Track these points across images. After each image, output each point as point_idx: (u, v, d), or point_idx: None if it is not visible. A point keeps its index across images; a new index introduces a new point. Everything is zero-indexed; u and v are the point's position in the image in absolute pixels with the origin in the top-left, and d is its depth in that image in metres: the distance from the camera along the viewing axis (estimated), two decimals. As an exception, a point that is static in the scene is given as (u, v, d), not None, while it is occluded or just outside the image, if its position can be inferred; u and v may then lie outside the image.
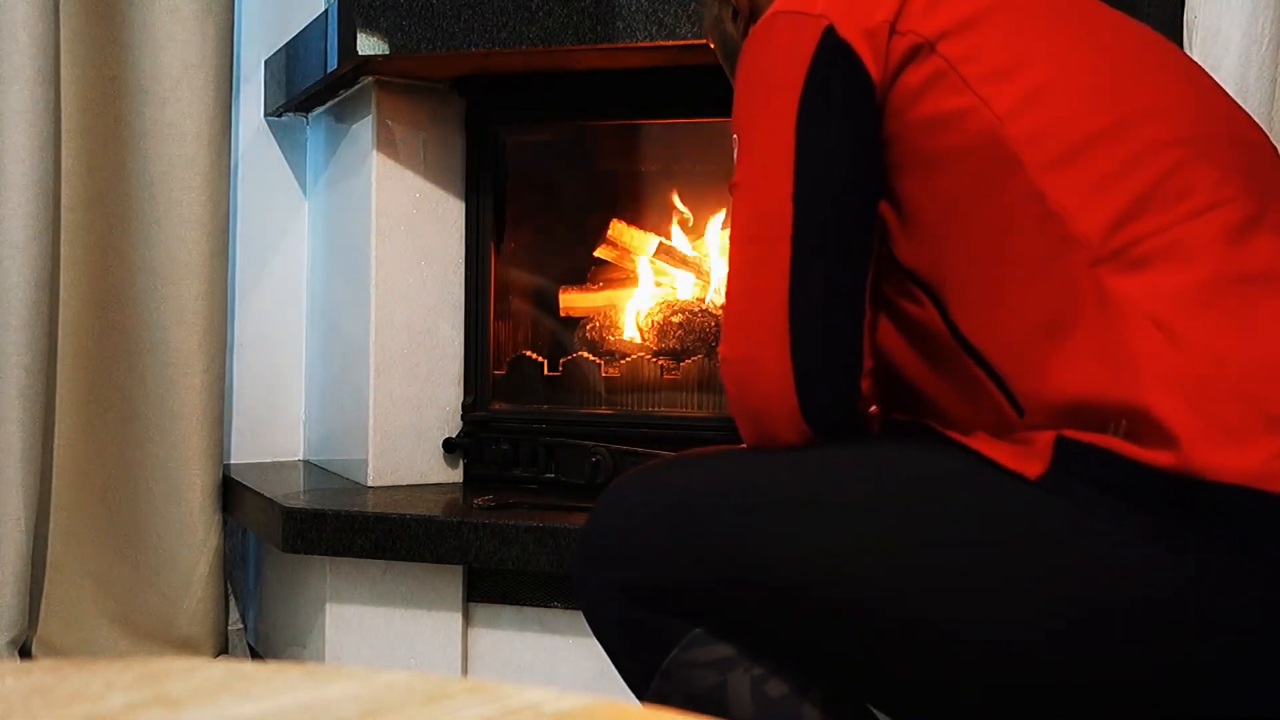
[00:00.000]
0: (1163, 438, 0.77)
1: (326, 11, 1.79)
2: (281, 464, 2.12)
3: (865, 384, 0.91)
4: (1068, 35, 0.92)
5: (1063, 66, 0.89)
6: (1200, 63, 1.23)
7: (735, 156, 0.95)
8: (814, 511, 0.88)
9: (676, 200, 1.94)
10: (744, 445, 0.96)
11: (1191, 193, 0.84)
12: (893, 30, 0.88)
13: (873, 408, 0.94)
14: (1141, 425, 0.78)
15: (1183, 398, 0.77)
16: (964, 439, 0.87)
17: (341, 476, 1.92)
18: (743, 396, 0.93)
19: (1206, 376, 0.78)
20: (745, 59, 0.95)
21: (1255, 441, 0.75)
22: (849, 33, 0.89)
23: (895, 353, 0.95)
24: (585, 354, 1.85)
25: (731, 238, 0.95)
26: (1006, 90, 0.87)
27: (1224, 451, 0.75)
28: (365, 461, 1.83)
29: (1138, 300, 0.81)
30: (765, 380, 0.90)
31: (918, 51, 0.88)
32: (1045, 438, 0.82)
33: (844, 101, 0.89)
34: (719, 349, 0.96)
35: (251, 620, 2.10)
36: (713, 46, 1.17)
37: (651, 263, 1.92)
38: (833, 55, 0.89)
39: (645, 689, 0.95)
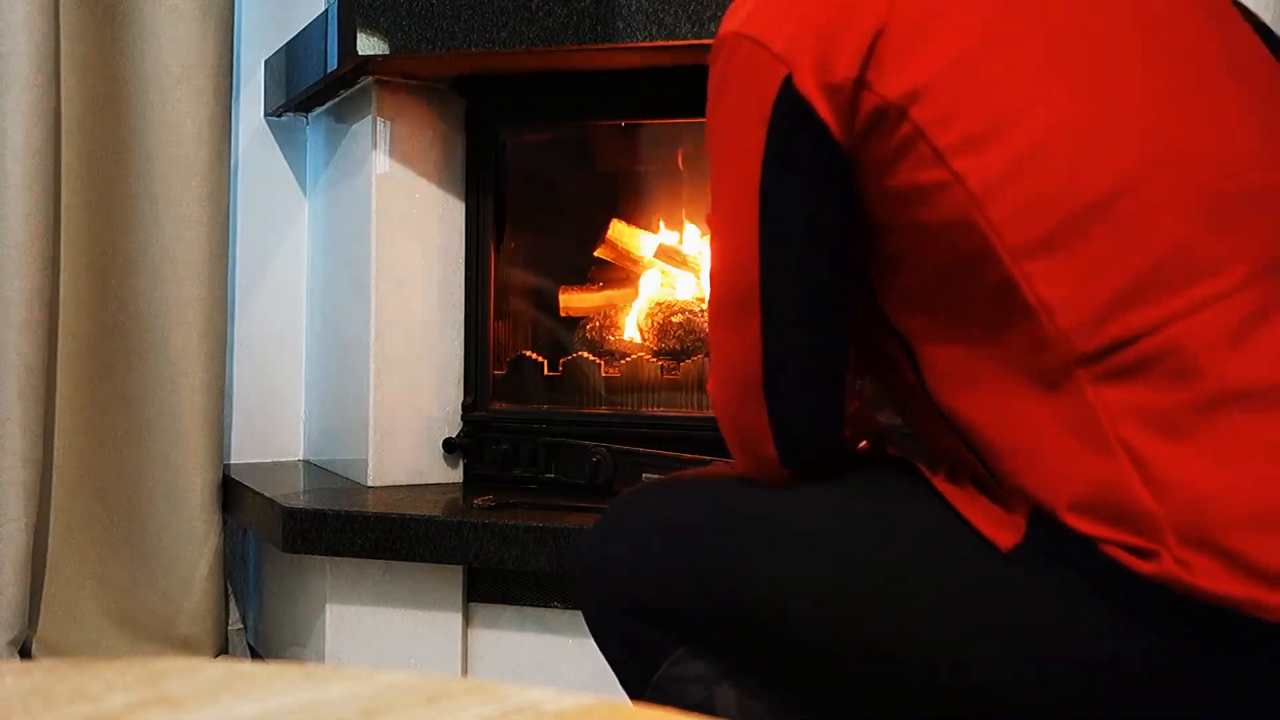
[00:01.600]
0: (1144, 553, 0.75)
1: (326, 11, 1.79)
2: (281, 464, 2.12)
3: (848, 431, 0.90)
4: (1072, 69, 0.79)
5: (1059, 118, 0.77)
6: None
7: (710, 179, 0.90)
8: (789, 547, 0.88)
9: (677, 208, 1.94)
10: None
11: (1195, 276, 0.75)
12: (859, 85, 0.78)
13: (862, 443, 0.93)
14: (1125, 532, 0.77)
15: (1153, 536, 0.75)
16: (946, 488, 0.85)
17: (341, 476, 1.92)
18: (728, 434, 0.92)
19: (1183, 523, 0.74)
20: (711, 76, 0.89)
21: (1233, 582, 0.73)
22: (809, 89, 0.79)
23: (885, 387, 0.95)
24: (585, 354, 1.85)
25: (711, 276, 0.91)
26: (985, 161, 0.77)
27: (1211, 579, 0.74)
28: (365, 461, 1.83)
29: (1118, 417, 0.75)
30: (746, 431, 0.89)
31: (885, 117, 0.78)
32: (1023, 508, 0.81)
33: (809, 172, 0.81)
34: (709, 382, 0.94)
35: (252, 620, 2.10)
36: None
37: (651, 263, 1.92)
38: (794, 116, 0.80)
39: (640, 697, 0.97)
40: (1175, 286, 0.75)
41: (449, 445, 1.85)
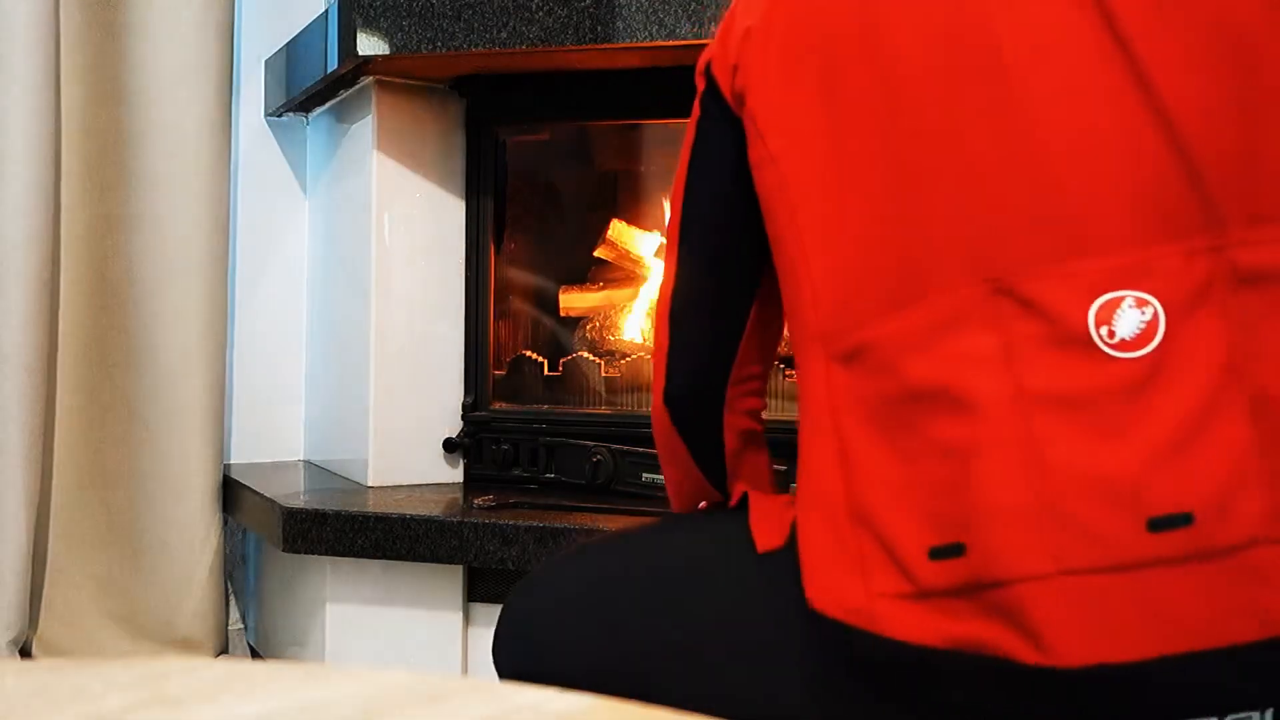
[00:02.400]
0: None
1: (326, 11, 1.79)
2: (281, 464, 2.12)
3: (741, 398, 0.96)
4: (879, 153, 0.82)
5: (864, 235, 0.82)
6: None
7: None
8: (613, 613, 0.95)
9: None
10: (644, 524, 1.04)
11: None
12: (735, 69, 0.89)
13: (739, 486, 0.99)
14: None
15: (822, 516, 0.80)
16: (757, 499, 0.94)
17: (341, 476, 1.92)
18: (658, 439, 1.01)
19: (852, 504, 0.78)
20: None
21: (858, 576, 0.76)
22: (714, 64, 0.92)
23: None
24: (585, 354, 1.85)
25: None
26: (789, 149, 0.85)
27: (829, 581, 0.78)
28: (365, 461, 1.83)
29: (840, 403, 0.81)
30: (656, 361, 0.99)
31: (740, 97, 0.89)
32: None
33: (718, 127, 0.92)
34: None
35: (252, 620, 2.10)
36: None
37: (651, 263, 1.92)
38: (709, 85, 0.92)
39: None
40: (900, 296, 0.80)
41: (449, 445, 1.85)
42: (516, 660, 0.99)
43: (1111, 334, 0.72)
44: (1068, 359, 0.72)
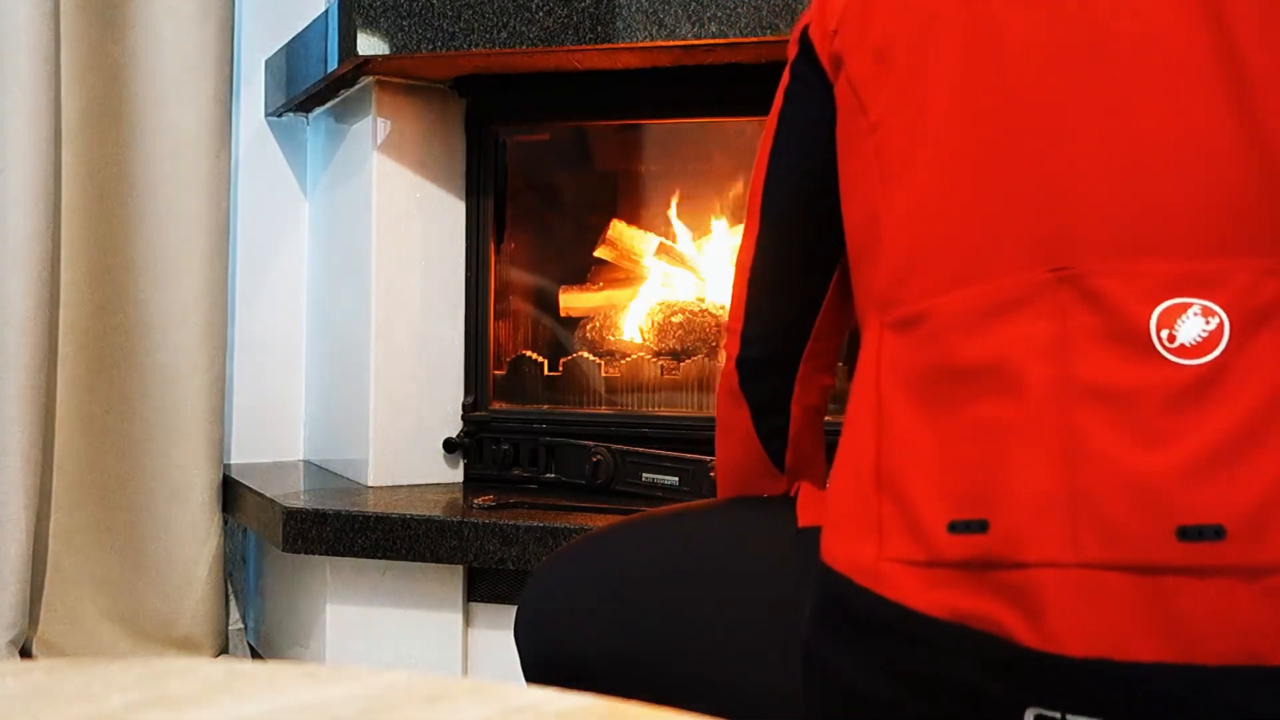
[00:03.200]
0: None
1: (326, 11, 1.79)
2: (281, 464, 2.12)
3: (814, 372, 0.97)
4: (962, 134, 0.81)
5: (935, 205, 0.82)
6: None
7: None
8: (656, 598, 0.95)
9: (674, 207, 1.94)
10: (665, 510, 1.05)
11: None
12: (834, 34, 0.90)
13: (798, 486, 0.99)
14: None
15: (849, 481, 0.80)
16: (806, 487, 0.96)
17: (341, 476, 1.92)
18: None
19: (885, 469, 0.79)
20: None
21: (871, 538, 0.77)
22: (813, 33, 0.92)
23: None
24: (585, 354, 1.85)
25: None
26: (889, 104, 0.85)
27: (844, 538, 0.79)
28: (365, 461, 1.83)
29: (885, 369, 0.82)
30: (728, 339, 0.99)
31: (839, 64, 0.89)
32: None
33: (810, 91, 0.92)
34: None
35: (252, 620, 2.10)
36: None
37: (651, 263, 1.92)
38: (804, 52, 0.93)
39: None
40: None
41: (449, 445, 1.85)
42: (540, 645, 0.99)
43: (1172, 338, 0.72)
44: (1122, 356, 0.72)
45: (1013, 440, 0.73)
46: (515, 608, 1.62)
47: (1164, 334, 0.72)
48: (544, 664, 0.99)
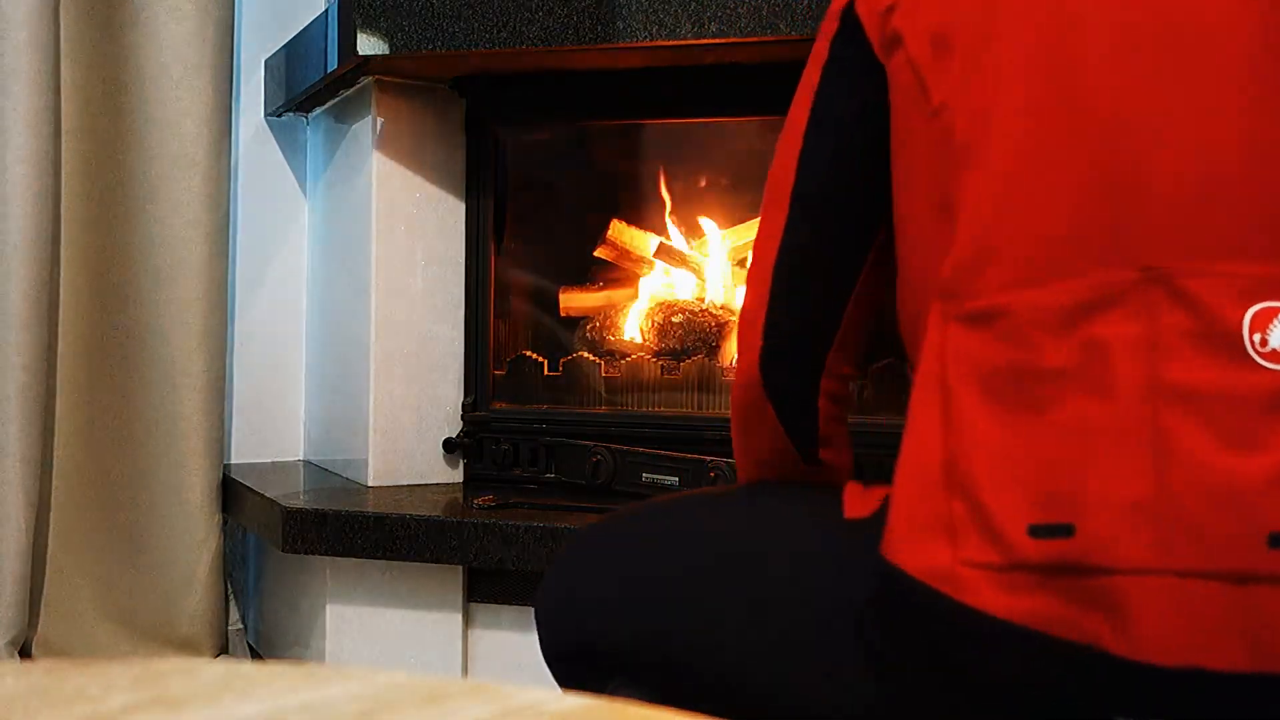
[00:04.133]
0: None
1: (326, 11, 1.79)
2: (281, 464, 2.12)
3: (840, 363, 0.94)
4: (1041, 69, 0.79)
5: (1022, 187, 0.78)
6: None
7: None
8: (688, 592, 0.93)
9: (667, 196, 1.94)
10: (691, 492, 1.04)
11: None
12: (889, 12, 0.86)
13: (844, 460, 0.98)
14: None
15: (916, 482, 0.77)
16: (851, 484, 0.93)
17: (341, 476, 1.92)
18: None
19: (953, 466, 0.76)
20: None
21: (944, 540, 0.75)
22: (861, 10, 0.88)
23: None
24: (585, 354, 1.85)
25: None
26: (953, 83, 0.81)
27: (914, 542, 0.76)
28: (365, 461, 1.83)
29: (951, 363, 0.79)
30: (748, 319, 0.95)
31: (896, 43, 0.85)
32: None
33: (853, 77, 0.89)
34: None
35: (252, 620, 2.10)
36: None
37: (652, 263, 1.92)
38: (847, 31, 0.89)
39: None
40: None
41: (449, 445, 1.85)
42: (567, 631, 0.98)
43: (1264, 342, 0.70)
44: (1213, 359, 0.70)
45: (1100, 442, 0.71)
46: (515, 608, 1.62)
47: (1256, 338, 0.70)
48: (571, 651, 0.97)
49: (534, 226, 2.03)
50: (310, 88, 1.88)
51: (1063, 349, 0.73)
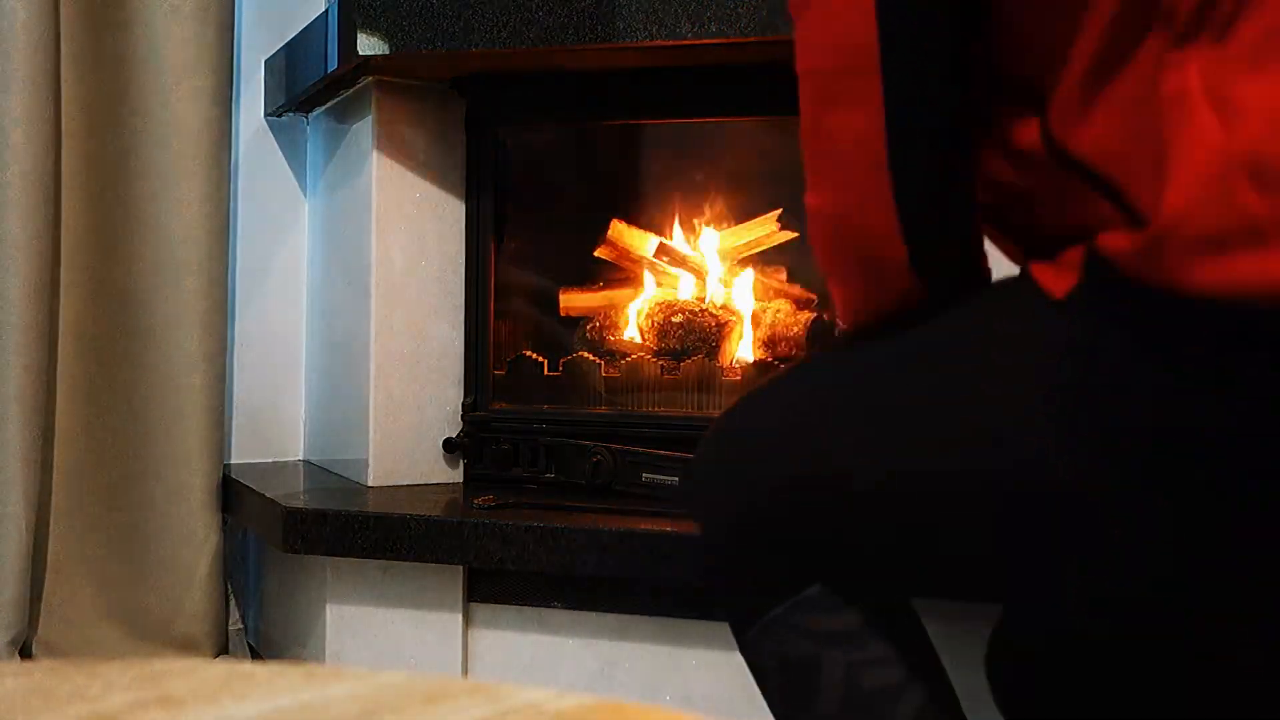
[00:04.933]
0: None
1: (326, 11, 1.79)
2: (281, 464, 2.12)
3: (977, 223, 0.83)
4: None
5: None
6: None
7: None
8: (877, 421, 0.84)
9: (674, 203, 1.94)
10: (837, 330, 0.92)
11: None
12: None
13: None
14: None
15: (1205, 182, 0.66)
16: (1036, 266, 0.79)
17: (341, 476, 1.92)
18: (840, 249, 0.83)
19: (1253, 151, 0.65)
20: None
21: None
22: None
23: (1006, 181, 0.83)
24: (585, 354, 1.85)
25: (801, 70, 0.81)
26: None
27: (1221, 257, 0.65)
28: (365, 461, 1.83)
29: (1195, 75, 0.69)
30: (867, 236, 0.80)
31: None
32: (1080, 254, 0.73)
33: None
34: (805, 197, 0.83)
35: (252, 620, 2.10)
36: None
37: (652, 263, 1.91)
38: None
39: (744, 630, 0.91)
40: None
41: (449, 445, 1.85)
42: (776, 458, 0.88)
43: None
44: None
45: None
46: (515, 608, 1.63)
47: None
48: (762, 510, 0.87)
49: (534, 226, 2.03)
50: (310, 88, 1.88)
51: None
